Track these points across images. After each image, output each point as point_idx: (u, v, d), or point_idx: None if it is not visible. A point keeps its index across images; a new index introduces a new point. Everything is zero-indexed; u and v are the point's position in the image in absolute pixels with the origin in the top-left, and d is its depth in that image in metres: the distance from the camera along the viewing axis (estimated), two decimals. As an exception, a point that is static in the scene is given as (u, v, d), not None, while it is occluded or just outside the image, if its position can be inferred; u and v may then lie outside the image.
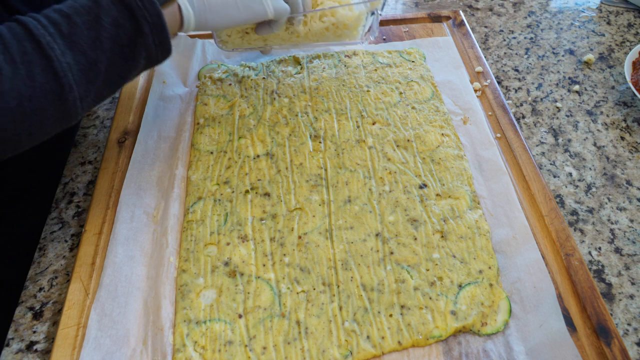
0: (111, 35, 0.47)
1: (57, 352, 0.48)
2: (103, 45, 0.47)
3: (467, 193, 0.61)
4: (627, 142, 0.71)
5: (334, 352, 0.48)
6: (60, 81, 0.44)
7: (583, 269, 0.54)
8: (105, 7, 0.47)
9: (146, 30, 0.49)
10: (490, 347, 0.49)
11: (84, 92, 0.46)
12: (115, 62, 0.48)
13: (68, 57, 0.45)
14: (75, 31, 0.45)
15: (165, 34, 0.50)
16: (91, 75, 0.46)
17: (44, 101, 0.44)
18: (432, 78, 0.75)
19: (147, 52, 0.50)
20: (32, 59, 0.43)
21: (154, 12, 0.48)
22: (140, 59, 0.50)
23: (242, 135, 0.67)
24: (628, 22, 0.90)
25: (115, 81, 0.50)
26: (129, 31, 0.48)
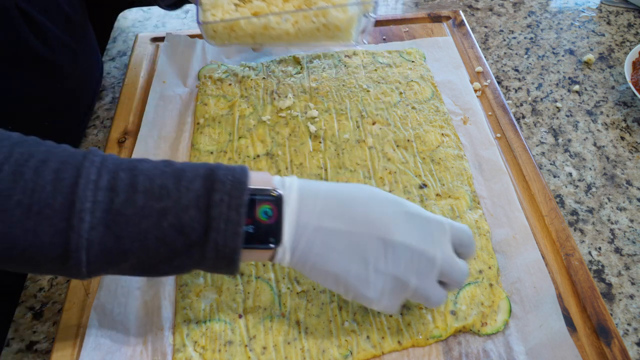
0: (164, 238, 0.38)
1: (57, 352, 0.48)
2: (147, 242, 0.38)
3: (467, 193, 0.61)
4: (627, 142, 0.71)
5: (334, 352, 0.48)
6: (69, 254, 0.36)
7: (583, 269, 0.54)
8: (182, 205, 0.38)
9: (208, 256, 0.39)
10: (490, 347, 0.49)
11: (96, 270, 0.38)
12: (152, 262, 0.39)
13: (95, 234, 0.36)
14: (126, 212, 0.37)
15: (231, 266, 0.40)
16: (114, 260, 0.38)
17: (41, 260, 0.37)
18: (432, 78, 0.75)
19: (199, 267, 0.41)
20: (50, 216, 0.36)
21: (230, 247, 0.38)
22: (187, 269, 0.41)
23: (242, 135, 0.67)
24: (628, 22, 0.90)
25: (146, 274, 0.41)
26: (190, 243, 0.38)
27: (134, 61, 0.78)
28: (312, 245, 0.41)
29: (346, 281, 0.42)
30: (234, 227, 0.38)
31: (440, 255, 0.43)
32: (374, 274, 0.42)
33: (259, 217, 0.39)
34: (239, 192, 0.38)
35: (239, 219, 0.38)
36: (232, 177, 0.39)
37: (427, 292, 0.43)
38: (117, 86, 0.79)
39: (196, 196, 0.38)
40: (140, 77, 0.76)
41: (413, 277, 0.42)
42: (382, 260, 0.42)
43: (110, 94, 0.78)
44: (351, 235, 0.41)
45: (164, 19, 0.92)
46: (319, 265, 0.42)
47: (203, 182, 0.38)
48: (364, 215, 0.42)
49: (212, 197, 0.38)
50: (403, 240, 0.42)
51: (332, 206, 0.42)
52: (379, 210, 0.43)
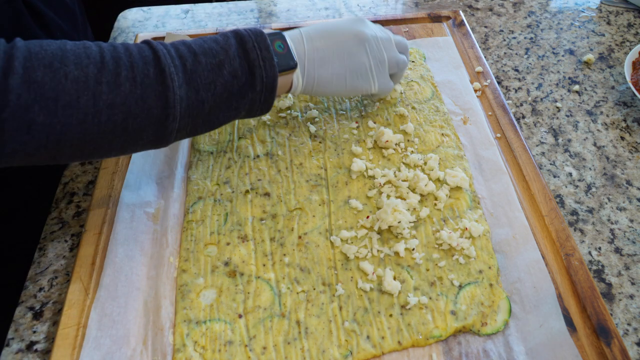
0: (226, 82, 0.49)
1: (57, 352, 0.48)
2: (216, 89, 0.49)
3: (467, 193, 0.61)
4: (627, 142, 0.71)
5: (334, 352, 0.48)
6: (168, 110, 0.46)
7: (583, 269, 0.54)
8: (230, 56, 0.50)
9: (258, 88, 0.51)
10: (490, 347, 0.49)
11: (184, 125, 0.49)
12: (220, 106, 0.50)
13: (182, 91, 0.47)
14: (197, 69, 0.48)
15: (272, 96, 0.53)
16: (195, 112, 0.49)
17: (147, 123, 0.46)
18: (432, 78, 0.75)
19: (251, 106, 0.53)
20: (151, 83, 0.46)
21: (271, 75, 0.51)
22: (242, 110, 0.53)
23: (242, 135, 0.67)
24: (628, 22, 0.90)
25: (212, 122, 0.52)
26: (242, 84, 0.50)
27: (134, 61, 0.78)
28: (313, 62, 0.57)
29: (346, 78, 0.59)
30: (270, 61, 0.51)
31: (391, 35, 0.63)
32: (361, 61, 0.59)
33: (276, 50, 0.53)
34: (263, 38, 0.51)
35: (271, 55, 0.51)
36: (252, 31, 0.52)
37: (396, 58, 0.63)
38: (117, 86, 0.79)
39: (236, 49, 0.50)
40: (140, 77, 0.76)
41: (384, 52, 0.61)
42: (363, 50, 0.59)
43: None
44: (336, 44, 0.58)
45: (164, 19, 0.92)
46: (323, 74, 0.57)
47: (235, 40, 0.51)
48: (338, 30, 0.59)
49: (246, 47, 0.51)
50: (370, 33, 0.60)
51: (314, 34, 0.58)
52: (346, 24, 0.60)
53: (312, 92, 0.59)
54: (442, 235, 0.56)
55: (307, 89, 0.58)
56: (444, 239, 0.56)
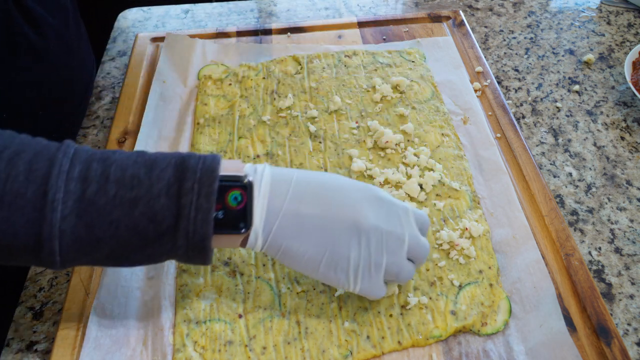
0: (135, 225, 0.38)
1: (57, 352, 0.48)
2: (119, 231, 0.38)
3: (467, 193, 0.61)
4: (627, 142, 0.71)
5: (334, 352, 0.48)
6: (41, 244, 0.37)
7: (583, 269, 0.54)
8: (153, 194, 0.38)
9: (179, 243, 0.39)
10: (490, 347, 0.49)
11: (70, 259, 0.39)
12: (127, 250, 0.40)
13: (67, 224, 0.37)
14: (98, 201, 0.38)
15: (203, 254, 0.41)
16: (87, 250, 0.39)
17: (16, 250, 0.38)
18: (432, 78, 0.75)
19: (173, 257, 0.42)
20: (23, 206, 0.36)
21: (201, 233, 0.39)
22: (161, 258, 0.42)
23: (242, 135, 0.67)
24: (628, 22, 0.90)
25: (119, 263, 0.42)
26: (161, 231, 0.39)
27: (134, 61, 0.78)
28: (284, 229, 0.42)
29: (320, 265, 0.44)
30: (205, 215, 0.39)
31: (407, 234, 0.46)
32: (347, 255, 0.44)
33: (228, 203, 0.40)
34: (210, 180, 0.39)
35: (209, 206, 0.39)
36: (203, 165, 0.40)
37: (398, 268, 0.46)
38: (117, 86, 0.79)
39: (167, 185, 0.39)
40: (140, 77, 0.76)
41: (385, 255, 0.45)
42: (356, 242, 0.44)
43: (110, 94, 0.78)
44: (324, 219, 0.43)
45: (164, 19, 0.92)
46: (292, 249, 0.43)
47: (174, 171, 0.39)
48: (336, 201, 0.44)
49: (183, 185, 0.39)
50: (375, 223, 0.44)
51: (305, 192, 0.44)
52: (350, 196, 0.45)
53: (275, 258, 0.45)
54: (442, 235, 0.56)
55: (269, 254, 0.45)
56: (443, 239, 0.56)
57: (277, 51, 0.80)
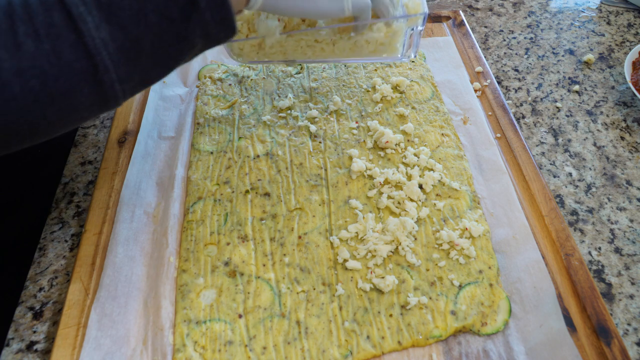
0: (158, 7, 0.39)
1: (57, 352, 0.48)
2: (147, 19, 0.39)
3: (467, 193, 0.61)
4: (627, 142, 0.71)
5: (334, 352, 0.48)
6: (93, 60, 0.38)
7: (583, 269, 0.54)
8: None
9: (202, 4, 0.40)
10: (490, 347, 0.49)
11: (125, 73, 0.40)
12: (164, 39, 0.40)
13: (103, 32, 0.38)
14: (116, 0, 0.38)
15: (226, 9, 0.42)
16: (132, 55, 0.39)
17: (75, 82, 0.38)
18: (432, 78, 0.75)
19: (204, 29, 0.42)
20: (59, 32, 0.37)
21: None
22: (196, 37, 0.42)
23: (242, 135, 0.67)
24: (628, 22, 0.90)
25: (165, 62, 0.43)
26: (181, 3, 0.40)
27: (134, 61, 0.78)
28: None
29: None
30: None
31: None
32: None
33: None
34: None
35: None
36: None
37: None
38: (117, 86, 0.79)
39: None
40: (140, 77, 0.76)
41: None
42: None
43: None
44: None
45: (164, 19, 0.92)
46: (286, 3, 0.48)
47: None
48: None
49: None
50: None
51: None
52: None
53: (273, 9, 0.49)
54: (442, 235, 0.56)
55: (268, 2, 0.48)
56: (443, 239, 0.56)
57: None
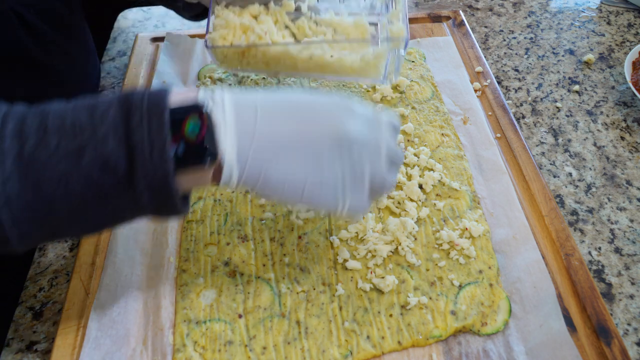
0: (88, 177, 0.34)
1: (57, 352, 0.48)
2: (70, 187, 0.34)
3: (467, 193, 0.61)
4: (627, 142, 0.71)
5: (334, 352, 0.48)
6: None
7: (583, 269, 0.54)
8: (99, 137, 0.34)
9: (139, 189, 0.35)
10: (490, 347, 0.49)
11: (26, 229, 0.35)
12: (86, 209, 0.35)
13: (12, 186, 0.33)
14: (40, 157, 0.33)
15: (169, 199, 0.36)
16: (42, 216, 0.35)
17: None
18: (432, 78, 0.75)
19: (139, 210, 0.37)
20: None
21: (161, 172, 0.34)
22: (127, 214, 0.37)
23: (242, 135, 0.67)
24: (628, 22, 0.90)
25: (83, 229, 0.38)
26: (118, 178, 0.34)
27: (134, 61, 0.78)
28: (261, 153, 0.38)
29: (304, 187, 0.40)
30: (160, 150, 0.34)
31: (384, 142, 0.43)
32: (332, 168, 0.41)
33: (187, 135, 0.36)
34: (159, 111, 0.35)
35: (164, 139, 0.34)
36: (149, 97, 0.35)
37: (382, 177, 0.43)
38: (117, 86, 0.79)
39: (113, 125, 0.34)
40: (140, 77, 0.76)
41: (367, 166, 0.42)
42: (338, 155, 0.40)
43: (110, 94, 0.78)
44: (303, 134, 0.40)
45: (164, 19, 0.92)
46: (272, 175, 0.39)
47: (119, 109, 0.35)
48: (311, 115, 0.41)
49: (130, 122, 0.34)
50: (354, 133, 0.41)
51: (275, 111, 0.40)
52: (325, 108, 0.42)
53: (254, 191, 0.41)
54: (442, 235, 0.56)
55: (247, 186, 0.40)
56: (443, 239, 0.56)
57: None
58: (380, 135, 0.43)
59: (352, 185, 0.42)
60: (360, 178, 0.42)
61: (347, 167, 0.41)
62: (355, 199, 0.43)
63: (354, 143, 0.41)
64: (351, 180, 0.42)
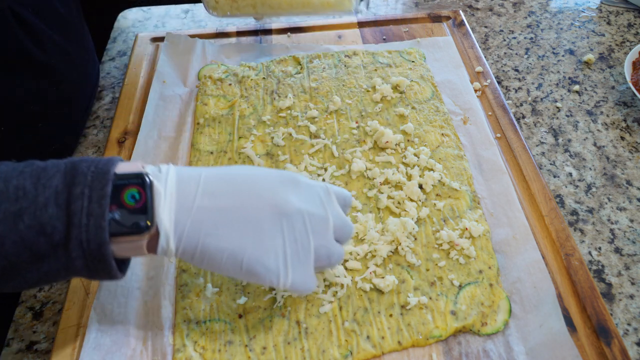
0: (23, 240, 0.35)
1: (57, 352, 0.48)
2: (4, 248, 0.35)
3: (467, 193, 0.61)
4: (627, 142, 0.71)
5: (334, 352, 0.48)
6: None
7: (583, 269, 0.54)
8: (39, 204, 0.36)
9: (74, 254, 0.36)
10: (490, 347, 0.49)
11: None
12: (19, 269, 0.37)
13: None
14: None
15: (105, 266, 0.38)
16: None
17: None
18: (432, 78, 0.75)
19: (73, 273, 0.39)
20: None
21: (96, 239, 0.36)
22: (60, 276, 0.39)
23: (242, 135, 0.67)
24: (628, 22, 0.90)
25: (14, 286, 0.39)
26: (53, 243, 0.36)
27: (134, 61, 0.78)
28: (199, 226, 0.40)
29: (243, 261, 0.41)
30: (97, 220, 0.36)
31: (331, 214, 0.44)
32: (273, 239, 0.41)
33: (125, 202, 0.37)
34: (102, 183, 0.36)
35: (102, 210, 0.36)
36: (96, 168, 0.37)
37: (328, 250, 0.44)
38: (117, 86, 0.79)
39: (55, 192, 0.36)
40: (140, 77, 0.76)
41: (311, 238, 0.42)
42: (279, 228, 0.41)
43: (110, 94, 0.78)
44: (242, 209, 0.41)
45: (164, 19, 0.92)
46: (210, 247, 0.40)
47: (63, 178, 0.36)
48: (252, 189, 0.42)
49: (72, 191, 0.36)
50: (297, 206, 0.42)
51: (217, 185, 0.41)
52: (267, 183, 0.43)
53: (192, 263, 0.42)
54: (442, 235, 0.56)
55: (184, 257, 0.41)
56: (443, 239, 0.56)
57: (277, 51, 0.80)
58: (328, 207, 0.44)
59: (294, 257, 0.42)
60: (304, 250, 0.42)
61: (289, 239, 0.42)
62: (298, 272, 0.42)
63: (297, 214, 0.42)
64: (293, 252, 0.42)
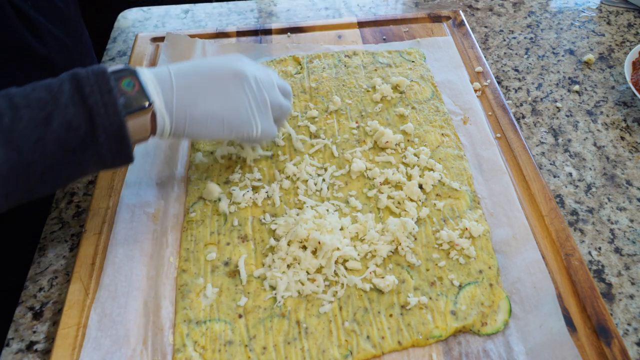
0: (58, 138, 0.43)
1: (57, 352, 0.48)
2: (46, 147, 0.43)
3: (467, 193, 0.61)
4: (627, 142, 0.71)
5: (334, 352, 0.48)
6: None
7: (583, 269, 0.54)
8: (61, 106, 0.43)
9: (101, 139, 0.44)
10: (490, 347, 0.49)
11: (11, 189, 0.43)
12: (58, 165, 0.44)
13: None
14: (18, 127, 0.42)
15: (124, 145, 0.46)
16: (23, 176, 0.43)
17: None
18: (432, 78, 0.75)
19: (100, 159, 0.46)
20: None
21: (116, 121, 0.45)
22: (90, 165, 0.46)
23: (242, 135, 0.67)
24: (628, 22, 0.90)
25: (54, 183, 0.46)
26: (81, 135, 0.44)
27: (134, 61, 0.78)
28: (183, 100, 0.50)
29: (224, 119, 0.53)
30: (113, 107, 0.44)
31: (274, 77, 0.58)
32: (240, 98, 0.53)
33: (124, 90, 0.47)
34: (105, 79, 0.45)
35: (114, 99, 0.44)
36: (92, 71, 0.45)
37: (279, 102, 0.57)
38: (117, 86, 0.79)
39: (70, 96, 0.43)
40: (140, 77, 0.76)
41: (266, 94, 0.55)
42: (243, 88, 0.54)
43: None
44: (210, 80, 0.53)
45: (164, 19, 0.92)
46: (196, 114, 0.51)
47: (70, 84, 0.44)
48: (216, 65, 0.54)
49: (84, 91, 0.44)
50: (252, 71, 0.55)
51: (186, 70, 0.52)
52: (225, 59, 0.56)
53: (185, 134, 0.52)
54: (442, 235, 0.56)
55: (178, 130, 0.51)
56: (443, 239, 0.56)
57: (277, 51, 0.80)
58: (270, 73, 0.58)
59: (258, 110, 0.55)
60: (263, 104, 0.55)
61: (251, 97, 0.54)
62: (264, 123, 0.56)
63: (251, 78, 0.54)
64: (257, 106, 0.54)
